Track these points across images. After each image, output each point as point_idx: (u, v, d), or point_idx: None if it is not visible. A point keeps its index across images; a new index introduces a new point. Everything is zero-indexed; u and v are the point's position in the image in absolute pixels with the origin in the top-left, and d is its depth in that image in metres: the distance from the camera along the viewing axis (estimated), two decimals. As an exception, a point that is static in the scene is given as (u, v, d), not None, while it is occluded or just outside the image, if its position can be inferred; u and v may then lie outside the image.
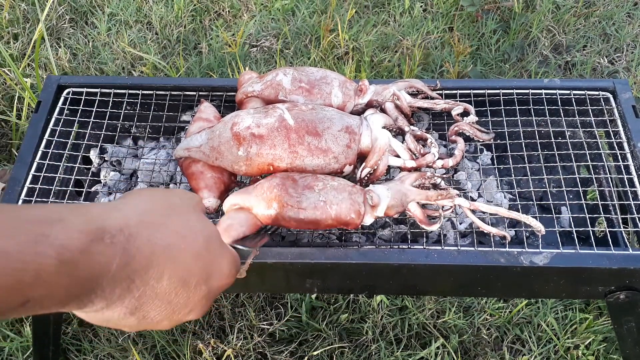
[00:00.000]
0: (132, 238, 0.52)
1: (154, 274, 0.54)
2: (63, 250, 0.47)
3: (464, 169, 1.10)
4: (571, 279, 0.95)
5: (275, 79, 1.08)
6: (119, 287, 0.52)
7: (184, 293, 0.57)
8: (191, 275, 0.57)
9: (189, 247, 0.57)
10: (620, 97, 1.13)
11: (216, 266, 0.60)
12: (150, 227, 0.55)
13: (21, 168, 1.06)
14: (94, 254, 0.49)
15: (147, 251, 0.53)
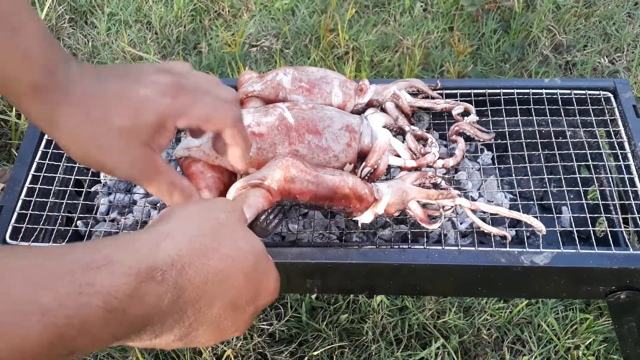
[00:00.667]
0: (184, 270, 0.51)
1: (205, 302, 0.53)
2: (110, 299, 0.45)
3: (465, 169, 1.10)
4: (572, 278, 0.95)
5: (275, 78, 1.08)
6: (169, 320, 0.51)
7: (233, 316, 0.56)
8: (241, 298, 0.56)
9: (239, 269, 0.56)
10: (621, 97, 1.13)
11: (264, 285, 0.59)
12: (202, 255, 0.53)
13: (21, 168, 1.05)
14: (143, 295, 0.47)
15: (199, 281, 0.52)
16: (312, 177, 0.88)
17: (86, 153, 0.67)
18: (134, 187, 1.12)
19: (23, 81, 0.63)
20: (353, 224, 1.03)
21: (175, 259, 0.51)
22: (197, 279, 0.52)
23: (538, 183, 1.10)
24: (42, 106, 0.64)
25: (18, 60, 0.62)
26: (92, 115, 0.65)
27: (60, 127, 0.65)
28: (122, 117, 0.66)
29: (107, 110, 0.66)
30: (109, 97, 0.66)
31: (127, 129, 0.66)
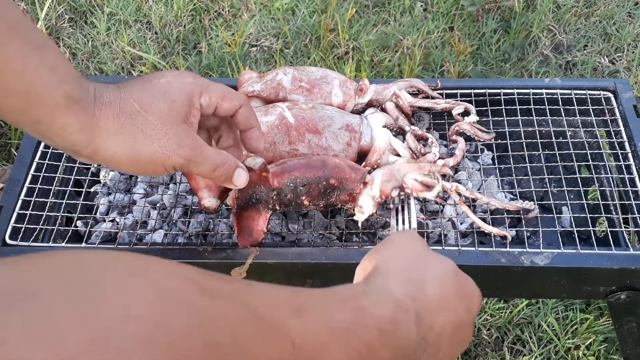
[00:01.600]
0: (416, 301, 0.56)
1: (437, 328, 0.57)
2: (381, 321, 0.50)
3: (465, 169, 1.10)
4: (572, 279, 0.95)
5: (275, 78, 1.08)
6: (418, 350, 0.54)
7: (460, 332, 0.60)
8: (460, 313, 0.60)
9: (449, 289, 0.60)
10: (621, 97, 1.12)
11: (470, 294, 0.63)
12: (418, 286, 0.58)
13: (20, 168, 1.05)
14: (399, 322, 0.52)
15: (427, 309, 0.56)
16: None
17: (135, 150, 0.68)
18: (133, 187, 1.12)
19: (56, 94, 0.63)
20: (353, 224, 1.03)
21: (406, 291, 0.56)
22: (425, 307, 0.56)
23: (538, 183, 1.10)
24: (79, 115, 0.65)
25: (48, 74, 0.63)
26: (129, 110, 0.68)
27: (102, 131, 0.67)
28: (157, 103, 0.69)
29: (141, 102, 0.69)
30: (136, 93, 0.70)
31: (165, 112, 0.69)
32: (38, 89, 0.63)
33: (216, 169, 0.76)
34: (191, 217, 1.05)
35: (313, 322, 0.45)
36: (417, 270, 0.60)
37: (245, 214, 0.89)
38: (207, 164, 0.74)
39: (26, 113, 0.63)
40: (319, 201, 0.92)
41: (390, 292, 0.55)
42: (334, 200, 0.92)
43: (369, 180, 0.92)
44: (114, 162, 0.70)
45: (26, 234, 0.98)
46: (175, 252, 0.95)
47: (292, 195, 0.91)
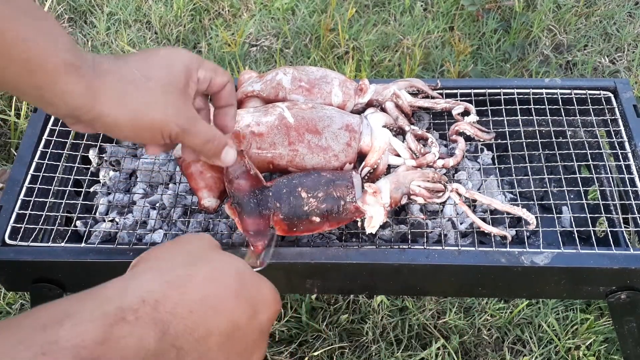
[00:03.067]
0: (160, 304, 0.48)
1: (201, 333, 0.49)
2: (79, 350, 0.41)
3: (465, 169, 1.10)
4: (572, 279, 0.95)
5: (275, 78, 1.08)
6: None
7: (238, 340, 0.53)
8: (238, 319, 0.53)
9: (224, 290, 0.53)
10: (621, 97, 1.12)
11: (259, 297, 0.56)
12: (177, 285, 0.51)
13: (20, 168, 1.05)
14: (118, 339, 0.44)
15: (184, 312, 0.49)
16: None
17: (134, 114, 0.69)
18: (133, 187, 1.11)
19: (55, 60, 0.64)
20: (353, 224, 1.02)
21: (145, 297, 0.47)
22: (181, 310, 0.49)
23: (538, 183, 1.10)
24: (80, 81, 0.66)
25: (47, 41, 0.64)
26: (130, 78, 0.69)
27: (102, 96, 0.67)
28: (158, 72, 0.71)
29: (142, 70, 0.70)
30: (137, 62, 0.71)
31: (165, 81, 0.71)
32: (38, 55, 0.63)
33: (207, 142, 0.77)
34: (191, 217, 1.05)
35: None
36: (183, 267, 0.53)
37: (250, 221, 0.89)
38: (200, 136, 0.75)
39: (27, 80, 0.64)
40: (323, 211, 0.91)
41: (115, 301, 0.46)
42: (339, 211, 0.91)
43: (376, 189, 0.92)
44: (115, 128, 0.70)
45: (25, 233, 0.98)
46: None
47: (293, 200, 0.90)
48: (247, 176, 0.91)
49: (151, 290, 0.48)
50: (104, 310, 0.45)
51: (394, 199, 0.93)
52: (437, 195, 0.96)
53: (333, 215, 0.91)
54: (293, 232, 0.92)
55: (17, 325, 0.42)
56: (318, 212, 0.90)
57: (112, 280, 0.51)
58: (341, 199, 0.91)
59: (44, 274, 0.98)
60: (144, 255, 0.57)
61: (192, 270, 0.53)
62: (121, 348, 0.43)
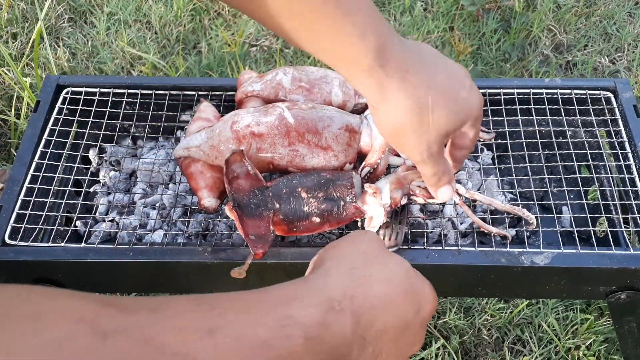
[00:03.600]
0: (355, 299, 0.54)
1: (379, 327, 0.56)
2: (307, 328, 0.49)
3: (465, 169, 1.10)
4: (572, 279, 0.95)
5: (275, 78, 1.08)
6: (355, 350, 0.53)
7: (406, 334, 0.59)
8: (407, 314, 0.59)
9: (396, 289, 0.59)
10: (622, 97, 1.12)
11: (422, 295, 0.62)
12: (362, 283, 0.57)
13: (20, 168, 1.05)
14: (330, 324, 0.51)
15: (368, 307, 0.55)
16: None
17: (401, 125, 0.75)
18: (133, 187, 1.11)
19: (359, 64, 0.71)
20: (353, 224, 1.02)
21: (345, 291, 0.54)
22: (366, 306, 0.55)
23: (538, 183, 1.10)
24: (371, 79, 0.72)
25: (358, 41, 0.70)
26: (416, 96, 0.73)
27: (388, 99, 0.74)
28: (442, 111, 0.75)
29: (432, 97, 0.74)
30: (434, 88, 0.74)
31: (443, 122, 0.75)
32: (346, 54, 0.71)
33: (436, 175, 0.83)
34: (191, 217, 1.05)
35: (224, 341, 0.44)
36: (364, 267, 0.60)
37: (250, 223, 0.89)
38: (436, 168, 0.81)
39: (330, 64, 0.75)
40: (323, 211, 0.91)
41: (325, 292, 0.54)
42: (339, 212, 0.91)
43: (376, 189, 0.92)
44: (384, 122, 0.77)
45: (25, 233, 0.98)
46: (175, 252, 0.95)
47: (293, 200, 0.90)
48: (246, 176, 0.91)
49: (346, 286, 0.55)
50: (320, 298, 0.52)
51: (394, 199, 0.93)
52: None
53: (333, 215, 0.91)
54: (293, 232, 0.92)
55: (253, 300, 0.51)
56: (318, 213, 0.90)
57: (309, 276, 0.59)
58: (341, 199, 0.91)
59: (44, 274, 0.98)
60: (322, 254, 0.63)
61: (371, 272, 0.59)
62: (332, 332, 0.51)
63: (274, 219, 0.90)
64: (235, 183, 0.90)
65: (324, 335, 0.50)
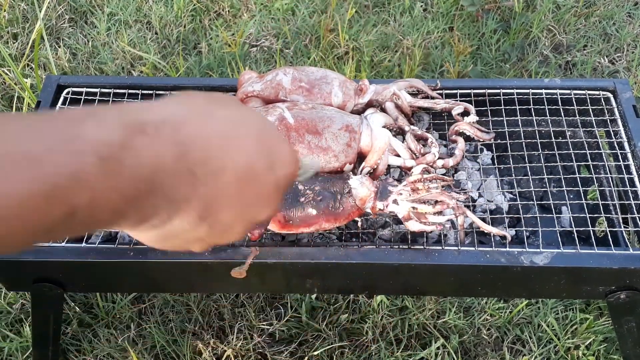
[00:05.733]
0: (182, 128, 0.47)
1: (216, 165, 0.48)
2: (100, 146, 0.41)
3: (464, 169, 1.10)
4: (571, 278, 0.95)
5: (275, 78, 1.08)
6: (182, 185, 0.47)
7: (252, 183, 0.51)
8: (255, 163, 0.51)
9: (246, 131, 0.52)
10: (621, 97, 1.13)
11: (278, 152, 0.54)
12: (198, 116, 0.49)
13: (20, 168, 1.05)
14: (139, 148, 0.43)
15: (202, 141, 0.48)
16: None
17: None
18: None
19: None
20: (353, 224, 1.03)
21: (167, 118, 0.47)
22: (199, 139, 0.48)
23: (538, 183, 1.10)
24: None
25: None
26: None
27: None
28: None
29: None
30: None
31: None
32: None
33: None
34: (191, 217, 1.05)
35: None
36: (210, 105, 0.52)
37: None
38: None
39: None
40: (319, 203, 0.91)
41: (139, 115, 0.46)
42: (336, 205, 0.92)
43: None
44: None
45: (26, 234, 0.98)
46: (175, 251, 0.95)
47: (290, 191, 0.91)
48: None
49: (175, 113, 0.48)
50: (126, 120, 0.44)
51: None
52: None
53: (329, 208, 0.91)
54: (289, 225, 0.92)
55: (42, 119, 0.43)
56: (314, 204, 0.91)
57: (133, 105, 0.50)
58: (338, 193, 0.91)
59: (45, 274, 0.98)
60: (172, 95, 0.53)
61: (218, 107, 0.51)
62: (139, 157, 0.43)
63: None
64: None
65: (124, 158, 0.42)
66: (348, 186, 0.92)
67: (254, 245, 0.95)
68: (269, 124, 0.56)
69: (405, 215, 0.91)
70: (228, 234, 0.54)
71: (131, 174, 0.43)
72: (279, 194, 0.55)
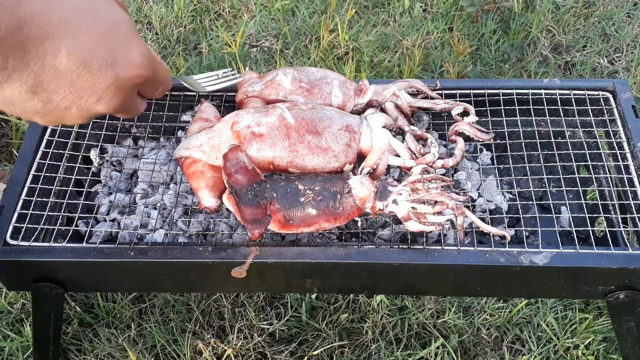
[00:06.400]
0: (24, 4, 0.49)
1: (51, 48, 0.51)
2: None
3: (464, 169, 1.10)
4: (571, 278, 0.96)
5: (275, 78, 1.08)
6: (12, 56, 0.50)
7: (87, 75, 0.54)
8: (93, 56, 0.54)
9: (90, 25, 0.54)
10: (620, 97, 1.13)
11: (124, 51, 0.56)
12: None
13: (22, 168, 1.06)
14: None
15: (42, 21, 0.51)
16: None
17: None
18: (134, 187, 1.12)
19: None
20: (353, 224, 1.03)
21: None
22: (39, 18, 0.50)
23: (537, 183, 1.10)
24: None
25: None
26: None
27: None
28: None
29: None
30: None
31: None
32: None
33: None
34: (191, 216, 1.06)
35: None
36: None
37: (248, 210, 0.90)
38: None
39: None
40: (319, 202, 0.92)
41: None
42: (335, 205, 0.92)
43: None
44: None
45: (27, 233, 0.99)
46: (176, 251, 0.95)
47: (290, 190, 0.91)
48: (245, 171, 0.92)
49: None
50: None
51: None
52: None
53: (329, 208, 0.91)
54: (290, 225, 0.92)
55: None
56: (314, 204, 0.91)
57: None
58: (338, 193, 0.92)
59: (46, 274, 0.99)
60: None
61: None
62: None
63: (270, 207, 0.91)
64: (234, 177, 0.91)
65: None
66: (348, 186, 0.92)
67: (254, 245, 0.96)
68: (124, 22, 0.57)
69: (405, 215, 0.91)
70: (65, 116, 0.57)
71: None
72: (120, 93, 0.57)
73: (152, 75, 0.60)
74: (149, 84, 0.60)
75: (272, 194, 0.91)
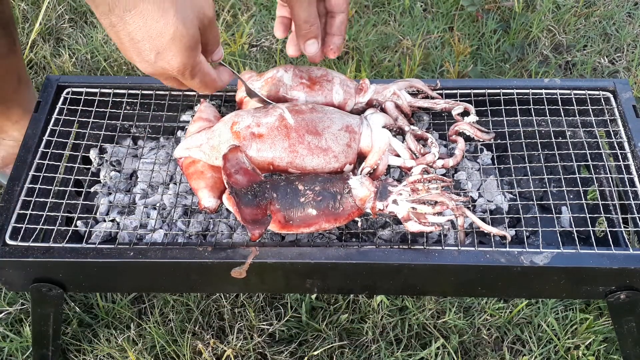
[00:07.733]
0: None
1: (121, 17, 0.71)
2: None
3: (464, 169, 1.10)
4: (571, 278, 0.95)
5: (275, 75, 1.08)
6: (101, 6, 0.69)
7: (134, 52, 0.75)
8: (141, 43, 0.74)
9: (161, 19, 0.72)
10: (621, 97, 1.13)
11: (166, 56, 0.76)
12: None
13: (21, 168, 1.05)
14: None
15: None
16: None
17: None
18: (133, 187, 1.12)
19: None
20: (353, 224, 1.03)
21: None
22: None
23: (538, 183, 1.10)
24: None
25: None
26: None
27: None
28: None
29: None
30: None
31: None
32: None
33: (308, 22, 0.95)
34: (191, 217, 1.05)
35: None
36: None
37: (248, 211, 0.90)
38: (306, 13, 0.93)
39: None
40: (319, 202, 0.92)
41: None
42: (336, 205, 0.92)
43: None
44: None
45: (26, 233, 0.98)
46: (175, 251, 0.95)
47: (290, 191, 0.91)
48: (244, 172, 0.92)
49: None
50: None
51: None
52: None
53: (329, 209, 0.91)
54: (290, 225, 0.92)
55: None
56: (314, 204, 0.91)
57: None
58: (338, 194, 0.91)
59: (45, 274, 0.98)
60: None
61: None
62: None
63: (270, 207, 0.91)
64: (234, 178, 0.91)
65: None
66: (348, 186, 0.92)
67: (254, 245, 0.95)
68: (183, 38, 0.75)
69: (405, 215, 0.91)
70: (134, 58, 0.78)
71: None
72: (154, 74, 0.80)
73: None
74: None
75: (272, 194, 0.91)
